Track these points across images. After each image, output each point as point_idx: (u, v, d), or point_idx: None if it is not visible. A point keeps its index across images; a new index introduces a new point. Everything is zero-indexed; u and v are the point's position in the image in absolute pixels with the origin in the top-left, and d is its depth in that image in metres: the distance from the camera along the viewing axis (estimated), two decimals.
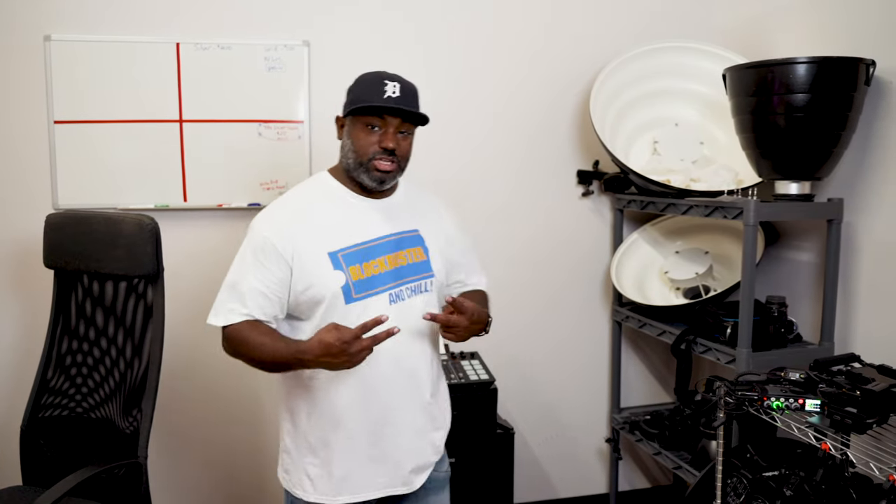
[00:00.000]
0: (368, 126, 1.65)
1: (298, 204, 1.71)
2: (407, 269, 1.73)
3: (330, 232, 1.66)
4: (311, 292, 1.63)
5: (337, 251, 1.65)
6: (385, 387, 1.70)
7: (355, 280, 1.65)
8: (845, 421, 1.75)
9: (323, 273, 1.63)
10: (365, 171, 1.67)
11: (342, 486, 1.73)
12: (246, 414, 2.91)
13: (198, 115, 2.70)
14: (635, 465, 3.32)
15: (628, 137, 2.88)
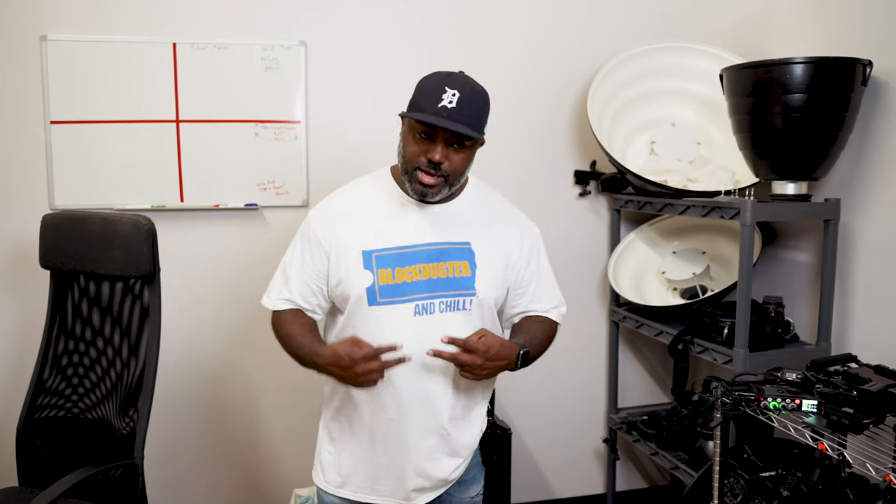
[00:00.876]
0: (420, 133, 1.57)
1: (350, 198, 1.72)
2: (444, 283, 1.63)
3: (371, 231, 1.64)
4: (340, 288, 1.64)
5: (372, 251, 1.62)
6: (397, 401, 1.64)
7: (382, 284, 1.60)
8: (842, 421, 1.75)
9: (351, 271, 1.62)
10: (409, 179, 1.61)
11: (346, 481, 1.75)
12: (243, 415, 2.91)
13: (194, 116, 2.69)
14: (632, 466, 3.32)
15: (625, 138, 2.88)
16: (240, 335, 2.86)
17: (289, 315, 1.69)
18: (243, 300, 2.83)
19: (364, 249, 1.62)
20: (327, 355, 1.54)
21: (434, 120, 1.52)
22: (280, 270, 1.73)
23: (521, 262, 1.75)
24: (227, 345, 2.85)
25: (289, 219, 2.83)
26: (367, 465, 1.72)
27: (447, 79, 1.60)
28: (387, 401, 1.64)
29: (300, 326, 1.66)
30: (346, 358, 1.48)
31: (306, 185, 2.82)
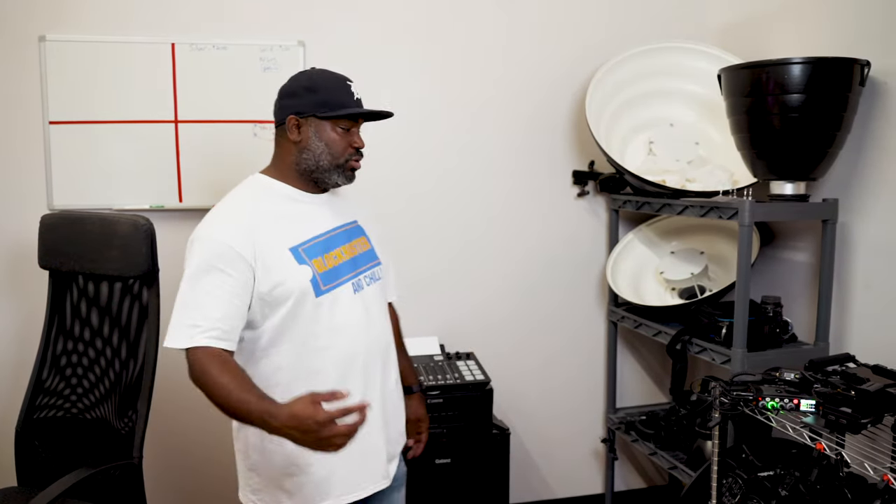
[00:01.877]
0: (342, 128, 1.68)
1: (245, 206, 1.66)
2: (361, 259, 1.76)
3: (285, 228, 1.64)
4: (278, 290, 1.58)
5: (298, 246, 1.63)
6: (357, 376, 1.68)
7: (321, 272, 1.64)
8: (840, 421, 1.75)
9: (289, 269, 1.60)
10: (340, 171, 1.70)
11: (326, 489, 1.67)
12: None
13: (193, 116, 2.70)
14: (631, 466, 3.32)
15: (624, 138, 2.88)
16: None
17: (215, 364, 1.49)
18: None
19: (290, 247, 1.62)
20: (283, 417, 1.36)
21: (368, 110, 1.69)
22: (183, 307, 1.54)
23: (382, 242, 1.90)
24: None
25: None
26: (343, 458, 1.53)
27: (339, 75, 1.73)
28: (348, 379, 1.66)
29: (236, 378, 1.48)
30: (310, 421, 1.32)
31: None
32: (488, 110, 2.97)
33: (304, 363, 1.63)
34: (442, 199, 2.95)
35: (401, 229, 2.91)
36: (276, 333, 1.62)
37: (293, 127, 1.67)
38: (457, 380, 2.60)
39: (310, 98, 1.66)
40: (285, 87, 1.72)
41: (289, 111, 1.67)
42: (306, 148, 1.67)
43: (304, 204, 1.71)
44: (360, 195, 1.91)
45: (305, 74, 1.73)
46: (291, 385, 1.61)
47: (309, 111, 1.65)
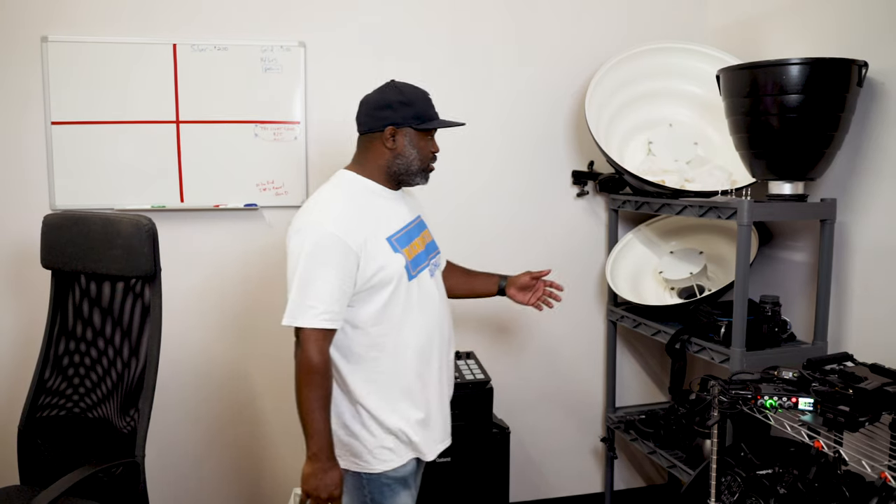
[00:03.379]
0: (429, 137, 1.93)
1: (345, 199, 1.85)
2: (431, 248, 2.00)
3: (380, 220, 1.85)
4: (381, 275, 1.80)
5: (391, 236, 1.85)
6: (437, 346, 1.94)
7: (409, 259, 1.87)
8: (838, 419, 1.76)
9: (387, 256, 1.81)
10: (423, 174, 1.94)
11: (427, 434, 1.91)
12: (244, 413, 2.92)
13: (194, 116, 2.71)
14: (630, 464, 3.33)
15: (623, 138, 2.90)
16: (240, 334, 2.87)
17: (321, 367, 1.75)
18: (244, 300, 2.85)
19: (387, 237, 1.84)
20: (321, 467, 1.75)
21: (454, 122, 1.96)
22: (300, 289, 1.75)
23: None
24: (228, 344, 2.87)
25: (288, 219, 2.81)
26: (430, 409, 1.92)
27: (420, 89, 1.93)
28: (433, 351, 1.92)
29: (327, 394, 1.78)
30: (322, 487, 1.74)
31: (305, 186, 2.83)
32: (488, 111, 2.98)
33: (399, 338, 1.86)
34: (440, 199, 2.96)
35: None
36: (376, 313, 1.83)
37: (389, 136, 1.87)
38: (457, 379, 2.61)
39: (406, 111, 1.87)
40: (377, 99, 1.89)
41: (386, 122, 1.86)
42: (401, 154, 1.88)
43: (388, 199, 1.92)
44: None
45: (397, 89, 1.90)
46: (386, 358, 1.85)
47: (405, 123, 1.87)
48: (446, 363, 2.01)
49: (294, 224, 1.83)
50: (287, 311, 1.77)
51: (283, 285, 2.86)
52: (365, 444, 1.86)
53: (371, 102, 1.90)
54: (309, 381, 1.74)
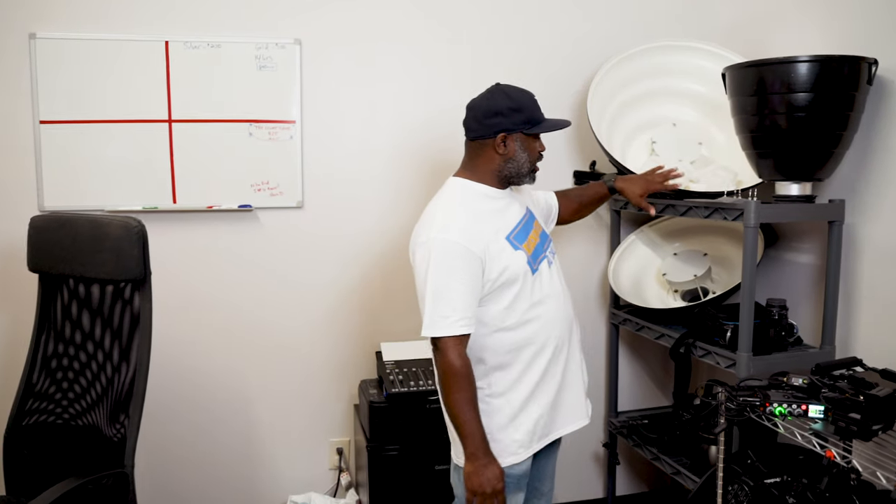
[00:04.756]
0: (537, 139, 1.98)
1: (462, 207, 1.90)
2: (544, 239, 2.05)
3: (496, 221, 1.91)
4: (507, 274, 1.86)
5: (509, 234, 1.91)
6: (566, 332, 2.01)
7: (529, 254, 1.93)
8: (850, 427, 1.71)
9: (509, 255, 1.87)
10: (531, 174, 2.00)
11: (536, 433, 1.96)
12: (237, 420, 2.86)
13: (187, 115, 2.65)
14: (632, 470, 3.28)
15: (626, 138, 2.84)
16: (234, 339, 2.81)
17: (464, 370, 1.81)
18: (238, 304, 2.79)
19: (506, 236, 1.90)
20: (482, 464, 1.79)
21: (563, 123, 1.99)
22: (434, 300, 1.80)
23: (534, 200, 2.21)
24: (221, 349, 2.81)
25: (284, 220, 2.79)
26: (558, 401, 1.99)
27: (528, 91, 1.97)
28: (560, 337, 1.98)
29: (473, 394, 1.83)
30: (489, 489, 1.79)
31: (301, 186, 2.77)
32: None
33: (528, 330, 1.91)
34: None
35: (400, 233, 2.86)
36: (505, 310, 1.89)
37: (501, 142, 1.91)
38: None
39: (516, 117, 1.91)
40: (487, 106, 1.92)
41: (497, 128, 1.90)
42: (512, 158, 1.93)
43: (499, 200, 1.97)
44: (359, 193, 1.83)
45: (505, 94, 1.93)
46: (519, 350, 1.92)
47: (516, 129, 1.91)
48: (576, 349, 2.08)
49: (417, 238, 1.89)
50: (424, 323, 1.82)
51: (278, 287, 2.83)
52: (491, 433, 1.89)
53: (480, 109, 1.93)
54: (454, 384, 1.81)
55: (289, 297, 2.84)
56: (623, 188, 2.35)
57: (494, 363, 1.92)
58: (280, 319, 2.85)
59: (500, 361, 1.92)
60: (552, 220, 2.33)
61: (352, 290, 2.90)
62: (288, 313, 2.85)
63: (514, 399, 1.93)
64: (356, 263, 2.89)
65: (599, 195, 2.40)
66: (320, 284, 2.86)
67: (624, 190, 2.35)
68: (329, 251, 2.85)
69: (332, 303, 2.89)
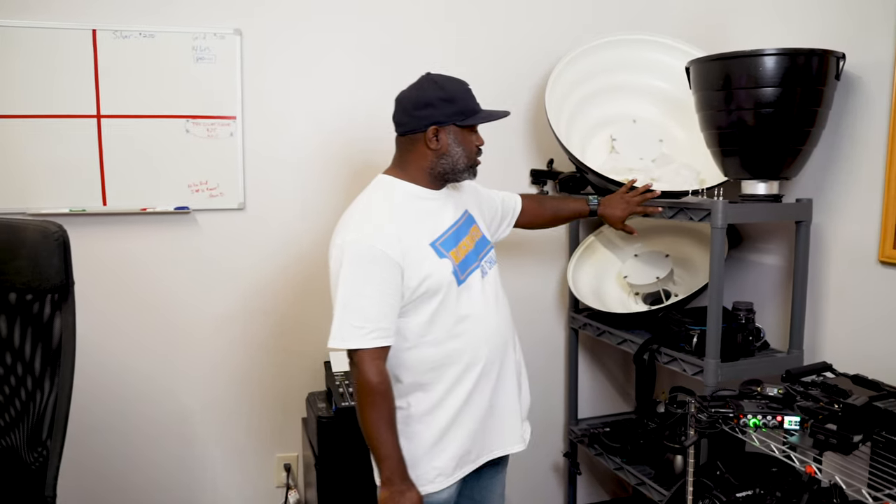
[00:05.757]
0: (473, 132, 1.86)
1: (384, 208, 1.77)
2: (480, 245, 1.90)
3: (421, 225, 1.77)
4: (428, 283, 1.72)
5: (435, 241, 1.77)
6: (496, 351, 1.85)
7: (457, 263, 1.78)
8: (829, 441, 1.62)
9: (433, 263, 1.73)
10: (470, 170, 1.87)
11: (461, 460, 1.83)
12: (175, 440, 2.67)
13: (118, 110, 2.46)
14: (594, 479, 3.17)
15: (584, 135, 2.73)
16: (169, 351, 2.62)
17: (382, 387, 1.67)
18: (174, 313, 2.60)
19: (430, 242, 1.76)
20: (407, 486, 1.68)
21: (500, 113, 1.89)
22: (345, 308, 1.67)
23: (482, 198, 2.08)
24: (156, 362, 2.61)
25: (224, 223, 2.61)
26: (485, 426, 1.86)
27: (460, 80, 1.85)
28: (490, 356, 1.83)
29: (391, 414, 1.70)
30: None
31: (243, 187, 2.60)
32: None
33: (452, 347, 1.77)
34: None
35: None
36: (426, 324, 1.75)
37: (433, 136, 1.78)
38: None
39: (449, 108, 1.78)
40: (416, 97, 1.79)
41: (428, 121, 1.77)
42: (446, 154, 1.80)
43: (430, 201, 1.83)
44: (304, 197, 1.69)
45: (436, 84, 1.80)
46: (441, 369, 1.77)
47: (449, 121, 1.78)
48: (511, 370, 1.94)
49: (333, 240, 1.75)
50: (332, 332, 1.68)
51: (218, 295, 2.65)
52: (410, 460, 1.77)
53: (409, 100, 1.80)
54: (370, 402, 1.68)
55: (230, 305, 2.66)
56: (604, 214, 2.31)
57: (412, 382, 1.78)
58: (221, 328, 2.67)
59: (421, 380, 1.78)
60: (507, 225, 2.21)
61: (298, 297, 2.73)
62: (230, 322, 2.67)
63: (436, 423, 1.79)
64: (303, 268, 2.72)
65: (578, 212, 2.33)
66: (264, 291, 2.69)
67: (605, 216, 2.31)
68: (273, 255, 2.68)
69: (277, 310, 2.72)
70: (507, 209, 2.20)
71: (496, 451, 1.92)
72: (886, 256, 2.05)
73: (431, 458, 1.79)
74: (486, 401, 1.84)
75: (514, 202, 2.22)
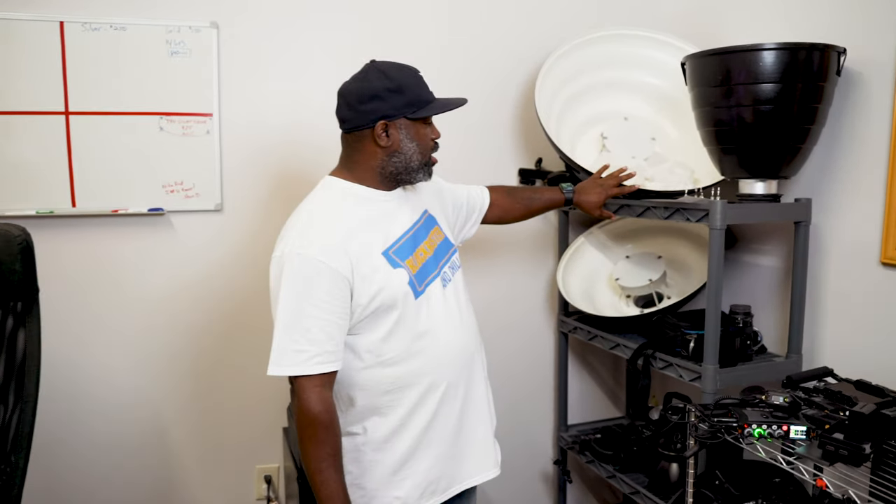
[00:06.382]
0: (427, 124, 1.67)
1: (330, 216, 1.61)
2: (441, 250, 1.74)
3: (373, 233, 1.61)
4: (381, 297, 1.56)
5: (388, 249, 1.61)
6: (462, 369, 1.70)
7: (415, 273, 1.63)
8: (839, 452, 1.55)
9: (386, 273, 1.58)
10: (425, 168, 1.68)
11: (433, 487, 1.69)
12: (153, 451, 2.55)
13: (87, 107, 2.34)
14: (585, 487, 3.10)
15: (574, 133, 2.65)
16: (143, 361, 2.51)
17: (323, 419, 1.52)
18: (148, 319, 2.49)
19: (382, 251, 1.60)
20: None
21: (456, 102, 1.67)
22: (286, 329, 1.51)
23: (446, 195, 1.91)
24: (131, 372, 2.49)
25: (201, 225, 2.50)
26: (455, 452, 1.70)
27: (407, 66, 1.67)
28: (453, 376, 1.68)
29: (336, 452, 1.55)
30: None
31: (220, 187, 2.49)
32: None
33: (411, 366, 1.62)
34: None
35: None
36: (382, 341, 1.60)
37: (382, 132, 1.61)
38: None
39: (397, 100, 1.60)
40: (360, 89, 1.62)
41: (375, 116, 1.60)
42: (398, 151, 1.63)
43: (382, 204, 1.67)
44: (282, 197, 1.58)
45: (381, 73, 1.63)
46: (403, 390, 1.62)
47: (398, 114, 1.61)
48: (479, 387, 1.78)
49: (274, 251, 1.58)
50: (272, 357, 1.52)
51: (195, 301, 2.54)
52: (368, 490, 1.65)
53: (353, 93, 1.63)
54: (312, 435, 1.52)
55: (207, 311, 2.55)
56: (579, 202, 2.21)
57: (368, 405, 1.63)
58: (197, 336, 2.55)
59: (377, 403, 1.63)
60: (473, 223, 2.08)
61: None
62: (206, 328, 2.56)
63: (396, 449, 1.64)
64: None
65: (552, 203, 2.21)
66: (243, 295, 2.58)
67: (581, 204, 2.21)
68: (253, 259, 2.56)
69: (257, 315, 2.60)
70: (474, 205, 2.05)
71: (469, 480, 1.77)
72: (889, 258, 1.99)
73: (392, 488, 1.66)
74: (453, 425, 1.70)
75: (482, 197, 2.08)
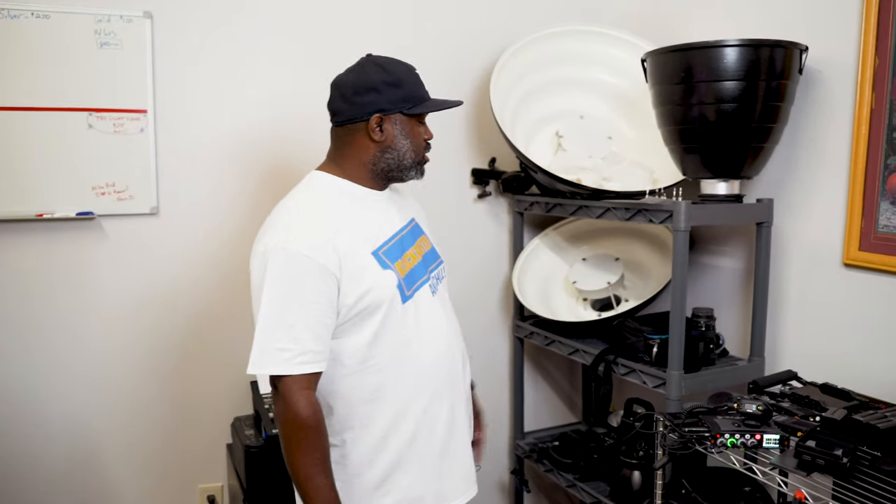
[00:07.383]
0: (421, 122, 1.63)
1: (318, 209, 1.54)
2: (429, 258, 1.68)
3: (362, 231, 1.54)
4: (368, 299, 1.49)
5: (378, 249, 1.55)
6: (447, 380, 1.65)
7: (403, 276, 1.57)
8: (816, 461, 1.49)
9: (375, 274, 1.51)
10: (417, 167, 1.64)
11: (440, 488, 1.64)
12: (81, 472, 2.36)
13: (6, 102, 2.15)
14: (542, 495, 3.02)
15: (529, 132, 2.57)
16: (73, 375, 2.32)
17: (311, 422, 1.44)
18: (76, 333, 2.30)
19: (372, 251, 1.53)
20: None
21: (453, 102, 1.63)
22: (268, 327, 1.44)
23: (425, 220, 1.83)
24: (56, 387, 2.30)
25: (134, 230, 2.33)
26: (440, 469, 1.63)
27: (404, 63, 1.62)
28: (439, 387, 1.62)
29: (324, 456, 1.47)
30: None
31: (156, 189, 2.32)
32: None
33: (398, 374, 1.56)
34: None
35: None
36: (366, 346, 1.52)
37: (376, 126, 1.55)
38: None
39: (394, 93, 1.55)
40: (357, 81, 1.56)
41: (371, 109, 1.54)
42: (391, 147, 1.58)
43: (373, 203, 1.62)
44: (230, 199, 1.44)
45: (379, 66, 1.58)
46: (383, 400, 1.55)
47: (395, 108, 1.56)
48: (463, 398, 1.72)
49: (255, 246, 1.51)
50: (253, 356, 1.45)
51: (130, 313, 2.37)
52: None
53: (348, 85, 1.56)
54: (300, 441, 1.43)
55: (143, 322, 2.38)
56: None
57: (348, 414, 1.55)
58: (133, 348, 2.38)
59: (359, 412, 1.55)
60: None
61: (220, 312, 2.46)
62: (142, 340, 2.39)
63: (379, 462, 1.56)
64: (225, 279, 2.45)
65: None
66: (181, 305, 2.42)
67: None
68: (191, 265, 2.41)
69: (197, 326, 2.45)
70: None
71: (454, 500, 1.68)
72: (851, 259, 1.96)
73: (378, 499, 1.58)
74: (439, 439, 1.62)
75: None
